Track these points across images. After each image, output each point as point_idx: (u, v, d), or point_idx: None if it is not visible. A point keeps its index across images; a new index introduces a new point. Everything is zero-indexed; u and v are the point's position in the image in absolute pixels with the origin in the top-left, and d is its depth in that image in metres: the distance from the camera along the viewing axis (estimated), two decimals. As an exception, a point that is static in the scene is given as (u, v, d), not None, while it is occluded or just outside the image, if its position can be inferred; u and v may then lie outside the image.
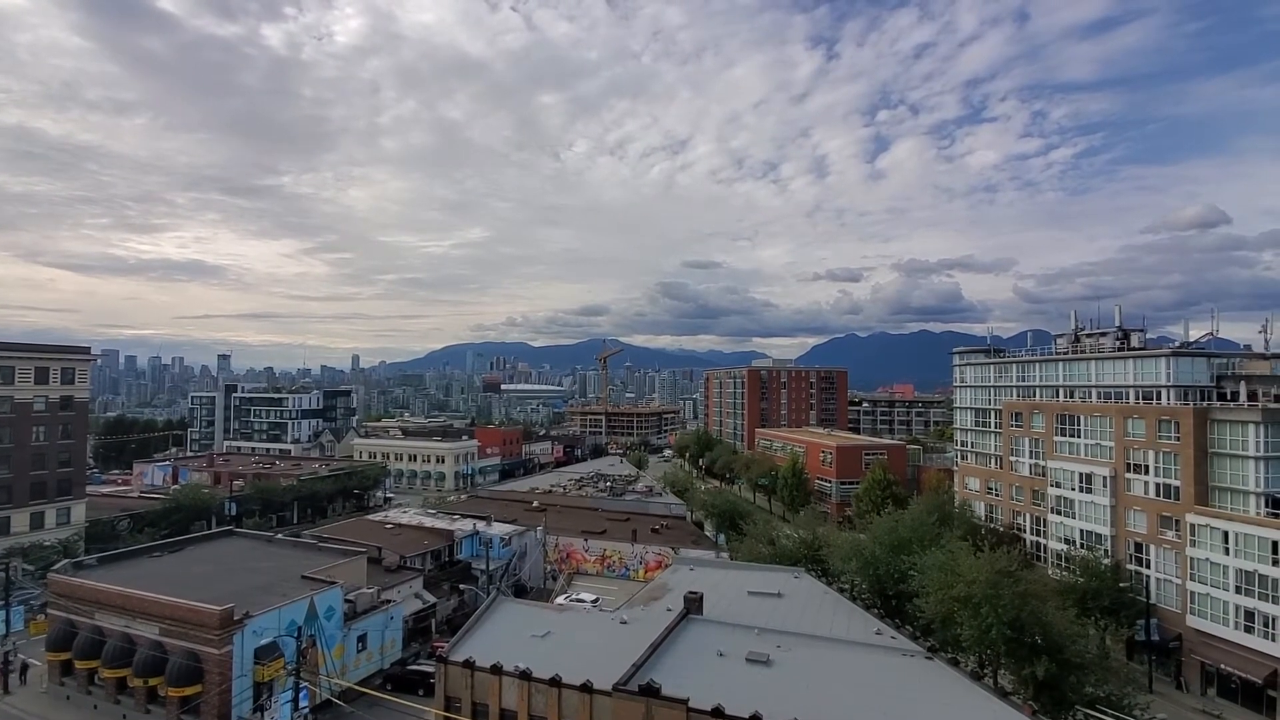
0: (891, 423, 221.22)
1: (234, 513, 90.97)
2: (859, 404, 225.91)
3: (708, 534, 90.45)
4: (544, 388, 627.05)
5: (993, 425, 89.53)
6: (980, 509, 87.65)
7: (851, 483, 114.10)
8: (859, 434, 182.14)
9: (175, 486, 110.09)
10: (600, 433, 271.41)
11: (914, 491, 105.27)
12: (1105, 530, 66.00)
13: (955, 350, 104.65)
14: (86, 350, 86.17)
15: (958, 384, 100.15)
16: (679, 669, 32.35)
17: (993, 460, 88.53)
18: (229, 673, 39.48)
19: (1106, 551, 64.61)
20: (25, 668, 47.68)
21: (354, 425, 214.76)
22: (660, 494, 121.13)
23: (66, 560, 56.07)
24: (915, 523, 60.15)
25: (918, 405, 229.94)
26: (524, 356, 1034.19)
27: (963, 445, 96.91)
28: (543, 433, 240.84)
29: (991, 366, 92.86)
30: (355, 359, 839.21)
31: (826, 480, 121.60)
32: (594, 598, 62.49)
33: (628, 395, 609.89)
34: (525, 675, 32.95)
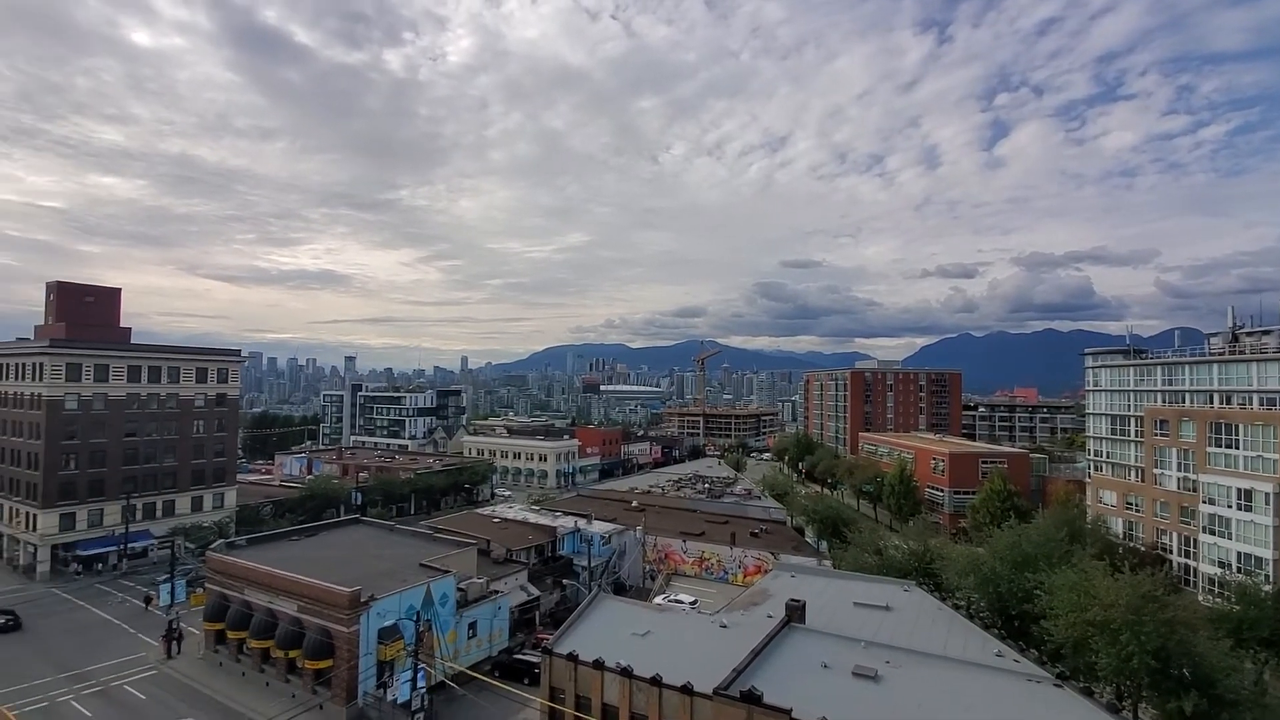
0: (1012, 429, 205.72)
1: (359, 502, 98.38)
2: (974, 408, 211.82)
3: (809, 540, 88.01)
4: (642, 389, 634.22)
5: (1132, 434, 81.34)
6: (1117, 525, 79.90)
7: (966, 493, 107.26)
8: (974, 440, 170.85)
9: (310, 477, 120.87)
10: (698, 434, 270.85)
11: (1038, 504, 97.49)
12: (1267, 553, 58.34)
13: (1087, 351, 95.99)
14: (237, 353, 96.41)
15: (1090, 388, 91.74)
16: (781, 678, 31.70)
17: (1132, 472, 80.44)
18: (356, 650, 42.81)
19: (1267, 577, 57.03)
20: (182, 636, 53.84)
21: (464, 424, 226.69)
22: (759, 497, 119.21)
23: (221, 540, 62.91)
24: (1042, 538, 55.59)
25: (1042, 410, 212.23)
26: (622, 358, 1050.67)
27: (1096, 455, 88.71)
28: (641, 433, 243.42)
29: (1131, 369, 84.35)
30: (464, 360, 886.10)
31: (938, 489, 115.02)
32: (692, 599, 62.46)
33: (725, 397, 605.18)
34: (626, 672, 33.43)
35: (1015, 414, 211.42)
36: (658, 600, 60.89)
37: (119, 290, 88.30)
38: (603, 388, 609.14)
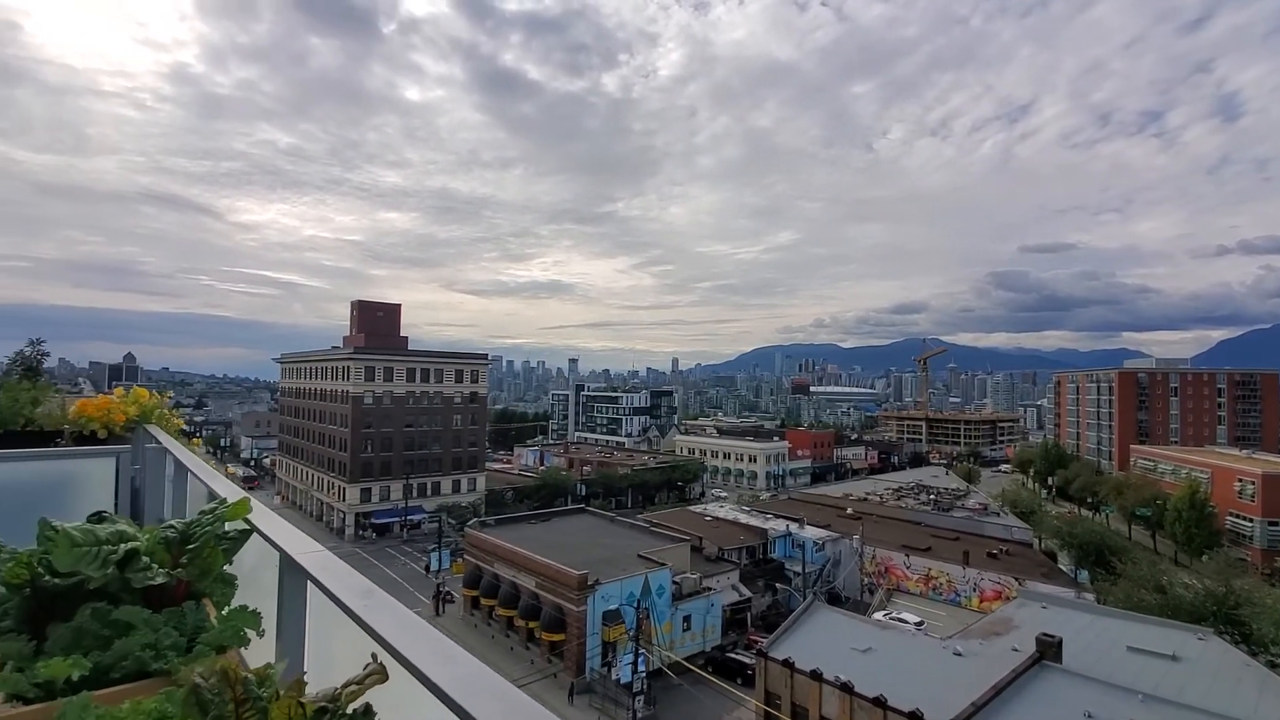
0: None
1: (583, 493, 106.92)
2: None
3: (1063, 568, 76.28)
4: (854, 390, 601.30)
5: None
6: None
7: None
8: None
9: (542, 468, 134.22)
10: (919, 440, 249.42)
11: None
12: None
13: None
14: (484, 356, 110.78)
15: None
16: (1030, 720, 27.99)
17: None
18: (584, 628, 46.64)
19: None
20: (450, 598, 63.13)
21: (675, 423, 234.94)
22: (997, 513, 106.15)
23: (475, 519, 72.64)
24: None
25: None
26: (833, 358, 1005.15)
27: None
28: (854, 437, 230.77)
29: None
30: (674, 361, 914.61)
31: (1246, 518, 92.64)
32: (918, 620, 57.71)
33: (952, 400, 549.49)
34: (847, 688, 32.07)
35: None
36: (878, 616, 57.34)
37: (399, 305, 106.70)
38: (812, 389, 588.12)
